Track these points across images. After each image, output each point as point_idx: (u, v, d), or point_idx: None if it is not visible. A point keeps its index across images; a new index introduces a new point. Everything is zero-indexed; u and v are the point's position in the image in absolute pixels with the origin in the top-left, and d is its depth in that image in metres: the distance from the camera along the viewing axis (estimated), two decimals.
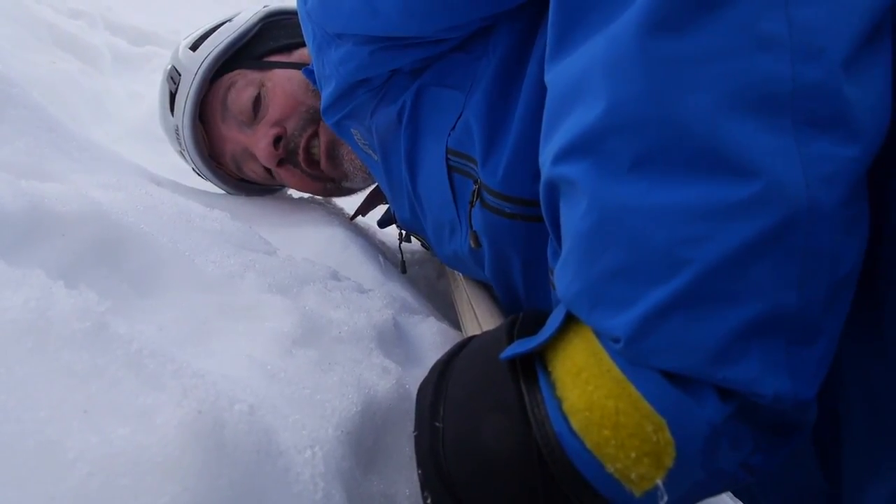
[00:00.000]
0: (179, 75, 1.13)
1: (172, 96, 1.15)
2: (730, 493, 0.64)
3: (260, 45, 1.15)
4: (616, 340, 0.38)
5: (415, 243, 1.27)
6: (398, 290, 0.98)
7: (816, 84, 0.37)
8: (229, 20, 1.17)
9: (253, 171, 1.18)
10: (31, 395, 0.34)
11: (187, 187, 1.16)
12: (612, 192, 0.39)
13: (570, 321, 0.42)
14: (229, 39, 1.12)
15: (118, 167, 0.94)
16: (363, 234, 1.21)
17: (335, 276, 0.85)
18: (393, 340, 0.73)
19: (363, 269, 1.01)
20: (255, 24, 1.16)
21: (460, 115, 0.75)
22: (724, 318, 0.36)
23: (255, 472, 0.39)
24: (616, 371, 0.38)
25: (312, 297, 0.71)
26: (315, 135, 1.09)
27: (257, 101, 1.09)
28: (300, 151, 1.08)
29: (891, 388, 0.43)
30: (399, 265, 1.17)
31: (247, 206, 1.17)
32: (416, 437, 0.47)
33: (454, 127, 0.76)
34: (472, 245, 0.80)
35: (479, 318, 0.85)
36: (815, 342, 0.37)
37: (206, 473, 0.35)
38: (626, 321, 0.37)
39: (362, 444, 0.53)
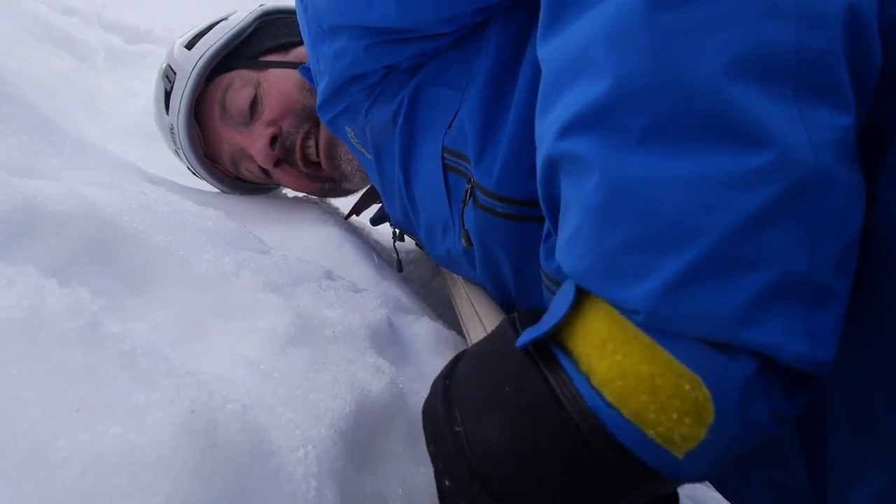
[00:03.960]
0: (175, 74, 1.13)
1: (168, 95, 1.15)
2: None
3: (256, 44, 1.15)
4: (636, 312, 0.38)
5: (409, 242, 1.28)
6: (392, 290, 0.98)
7: (819, 52, 0.37)
8: (225, 19, 1.16)
9: (249, 171, 1.18)
10: (23, 394, 0.34)
11: (182, 186, 1.16)
12: (623, 164, 0.39)
13: (581, 298, 0.42)
14: (225, 38, 1.12)
15: (112, 165, 0.94)
16: (358, 234, 1.21)
17: (329, 275, 0.85)
18: (387, 340, 0.73)
19: (357, 268, 1.01)
20: (250, 23, 1.15)
21: (456, 114, 0.76)
22: (741, 285, 0.36)
23: (247, 471, 0.39)
24: (644, 336, 0.38)
25: (306, 296, 0.71)
26: (309, 134, 1.09)
27: (254, 101, 1.09)
28: (296, 150, 1.08)
29: (871, 391, 0.43)
30: (394, 264, 1.17)
31: (241, 205, 1.17)
32: (434, 451, 0.45)
33: (450, 126, 0.77)
34: (465, 245, 0.81)
35: (480, 314, 0.85)
36: (829, 306, 0.37)
37: (198, 473, 0.35)
38: (644, 293, 0.37)
39: (355, 443, 0.53)
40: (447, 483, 0.44)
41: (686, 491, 1.19)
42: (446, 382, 0.47)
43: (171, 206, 0.76)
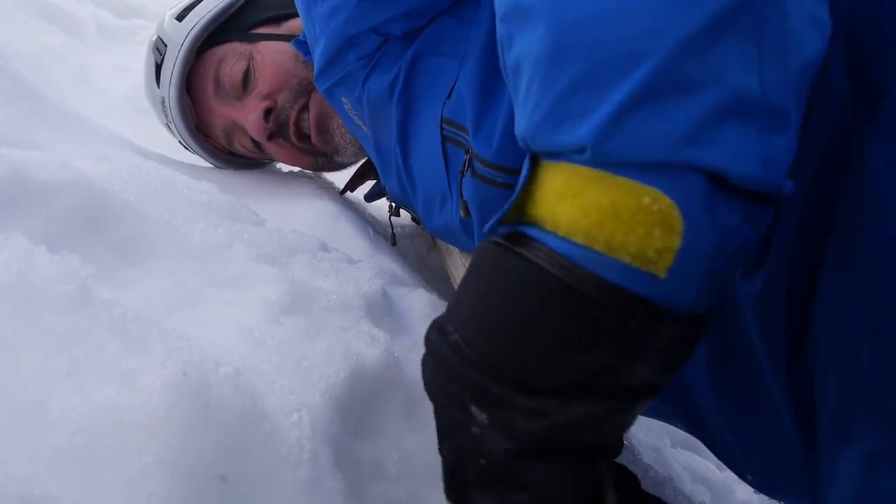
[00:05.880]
0: (165, 46, 1.11)
1: (158, 67, 1.13)
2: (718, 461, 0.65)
3: (247, 16, 1.13)
4: (582, 150, 0.37)
5: (404, 217, 1.27)
6: (388, 262, 0.98)
7: None
8: None
9: (242, 145, 1.17)
10: (14, 356, 0.34)
11: (175, 160, 1.15)
12: (567, 7, 0.38)
13: (537, 169, 0.41)
14: (216, 10, 1.10)
15: (103, 139, 0.93)
16: (353, 208, 1.20)
17: (324, 247, 0.85)
18: (382, 310, 0.73)
19: (353, 241, 1.01)
20: None
21: (455, 83, 0.75)
22: (689, 105, 0.35)
23: (240, 433, 0.39)
24: (598, 173, 0.37)
25: (301, 267, 0.70)
26: (305, 107, 1.08)
27: (247, 74, 1.08)
28: (290, 125, 1.08)
29: (861, 351, 0.44)
30: (389, 238, 1.17)
31: (235, 180, 1.16)
32: (434, 371, 0.43)
33: (450, 95, 0.76)
34: (462, 215, 0.80)
35: None
36: (786, 129, 0.37)
37: (190, 434, 0.35)
38: (589, 128, 0.37)
39: (350, 409, 0.54)
40: (458, 396, 0.41)
41: (693, 469, 1.20)
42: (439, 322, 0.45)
43: (163, 178, 0.76)
